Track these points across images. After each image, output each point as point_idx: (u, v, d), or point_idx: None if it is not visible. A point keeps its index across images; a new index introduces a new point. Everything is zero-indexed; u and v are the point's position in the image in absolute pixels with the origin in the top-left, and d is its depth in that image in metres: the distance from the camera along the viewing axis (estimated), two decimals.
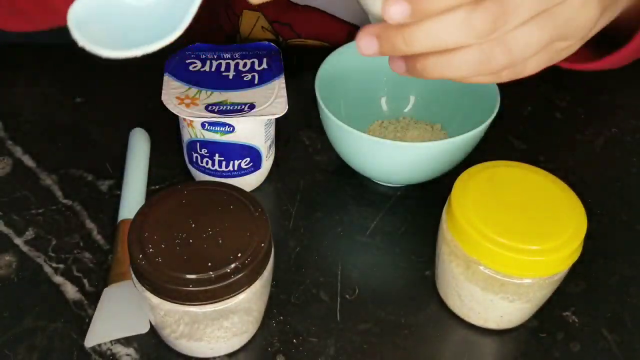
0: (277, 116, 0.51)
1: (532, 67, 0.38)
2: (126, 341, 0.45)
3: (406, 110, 0.63)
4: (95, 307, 0.47)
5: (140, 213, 0.42)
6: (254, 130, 0.52)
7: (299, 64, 0.66)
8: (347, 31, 0.70)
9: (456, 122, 0.59)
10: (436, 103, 0.61)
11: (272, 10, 0.69)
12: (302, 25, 0.70)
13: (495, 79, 0.38)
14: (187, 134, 0.53)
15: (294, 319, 0.48)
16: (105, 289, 0.48)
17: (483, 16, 0.34)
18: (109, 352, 0.45)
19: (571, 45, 0.39)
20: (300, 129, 0.63)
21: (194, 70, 0.54)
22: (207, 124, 0.51)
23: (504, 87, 0.54)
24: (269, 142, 0.55)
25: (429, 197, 0.56)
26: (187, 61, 0.55)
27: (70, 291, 0.49)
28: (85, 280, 0.49)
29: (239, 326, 0.43)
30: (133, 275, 0.41)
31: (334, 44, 0.65)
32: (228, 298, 0.40)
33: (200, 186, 0.45)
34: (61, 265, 0.50)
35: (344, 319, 0.48)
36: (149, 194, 0.55)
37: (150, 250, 0.40)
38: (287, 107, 0.51)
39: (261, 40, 0.71)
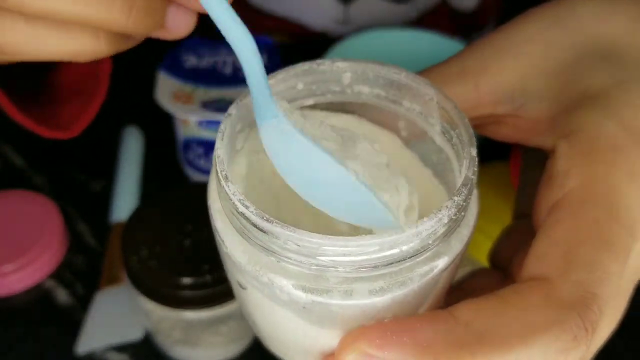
0: None
1: None
2: (119, 347, 0.45)
3: None
4: (88, 312, 0.46)
5: (134, 214, 0.42)
6: None
7: (298, 59, 0.65)
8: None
9: None
10: None
11: (239, 11, 0.68)
12: (270, 29, 0.68)
13: None
14: (183, 133, 0.52)
15: None
16: (98, 293, 0.47)
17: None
18: (101, 358, 0.44)
19: None
20: None
21: (190, 67, 0.53)
22: (203, 122, 0.50)
23: None
24: None
25: None
26: (183, 57, 0.54)
27: (62, 295, 0.48)
28: (77, 284, 0.48)
29: (237, 331, 0.43)
30: (127, 279, 0.40)
31: None
32: (225, 303, 0.39)
33: (196, 187, 0.44)
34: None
35: None
36: (143, 194, 0.54)
37: (145, 253, 0.39)
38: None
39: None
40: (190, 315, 0.39)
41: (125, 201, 0.52)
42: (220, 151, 0.24)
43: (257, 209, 0.22)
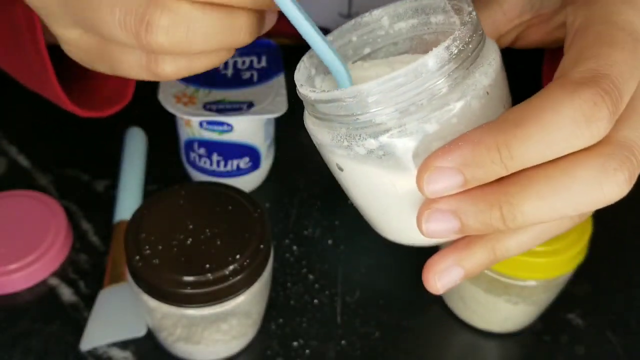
0: (276, 115, 0.50)
1: None
2: (122, 344, 0.45)
3: None
4: (91, 309, 0.46)
5: (137, 214, 0.42)
6: (253, 129, 0.51)
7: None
8: None
9: None
10: None
11: None
12: (274, 27, 0.68)
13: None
14: (185, 133, 0.52)
15: (294, 321, 0.47)
16: (102, 291, 0.47)
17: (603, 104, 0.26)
18: (105, 355, 0.44)
19: None
20: (301, 128, 0.62)
21: None
22: (205, 123, 0.50)
23: (510, 83, 0.53)
24: (268, 142, 0.54)
25: None
26: None
27: (66, 293, 0.48)
28: (81, 282, 0.49)
29: (238, 329, 0.43)
30: (130, 277, 0.40)
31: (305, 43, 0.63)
32: (226, 300, 0.40)
33: (198, 186, 0.44)
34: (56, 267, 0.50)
35: (345, 322, 0.47)
36: (146, 194, 0.54)
37: (147, 251, 0.39)
38: (287, 106, 0.50)
39: None
40: (192, 312, 0.40)
41: (128, 201, 0.52)
42: (298, 78, 0.30)
43: (319, 89, 0.27)
